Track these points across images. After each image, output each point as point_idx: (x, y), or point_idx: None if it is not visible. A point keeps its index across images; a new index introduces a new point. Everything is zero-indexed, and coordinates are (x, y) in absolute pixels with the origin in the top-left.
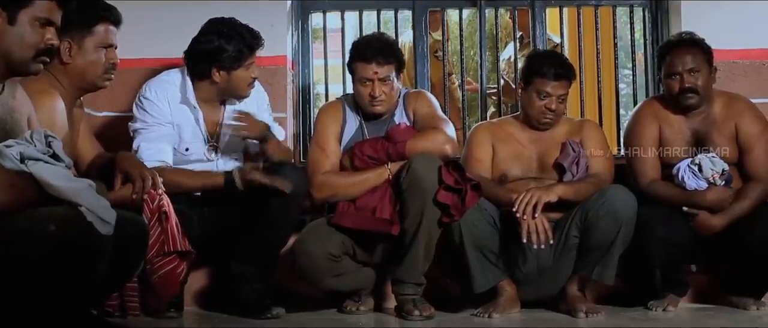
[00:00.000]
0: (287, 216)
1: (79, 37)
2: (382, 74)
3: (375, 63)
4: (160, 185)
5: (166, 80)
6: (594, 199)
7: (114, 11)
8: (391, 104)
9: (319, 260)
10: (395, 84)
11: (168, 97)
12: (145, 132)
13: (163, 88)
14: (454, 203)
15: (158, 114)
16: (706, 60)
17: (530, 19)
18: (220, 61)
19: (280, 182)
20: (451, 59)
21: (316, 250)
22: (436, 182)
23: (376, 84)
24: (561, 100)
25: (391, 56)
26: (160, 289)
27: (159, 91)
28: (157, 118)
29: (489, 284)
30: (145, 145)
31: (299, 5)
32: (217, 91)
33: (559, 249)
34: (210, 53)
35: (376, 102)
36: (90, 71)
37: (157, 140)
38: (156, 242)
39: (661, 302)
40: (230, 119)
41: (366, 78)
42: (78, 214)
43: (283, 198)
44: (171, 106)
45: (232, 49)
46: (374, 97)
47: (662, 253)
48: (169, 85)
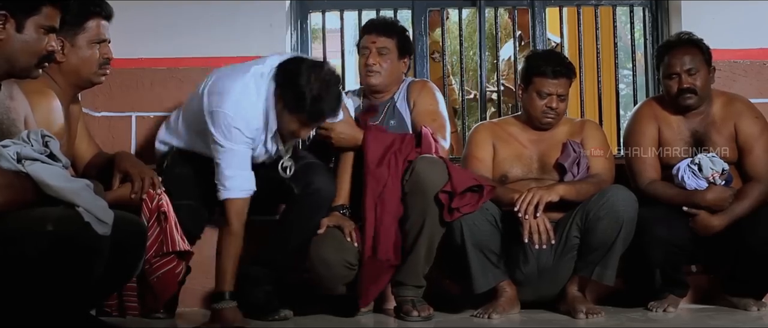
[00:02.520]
0: (310, 225)
1: (72, 35)
2: (379, 44)
3: (375, 33)
4: (159, 185)
5: (254, 105)
6: (595, 199)
7: (105, 6)
8: (386, 80)
9: (336, 269)
10: (395, 61)
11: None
12: (229, 154)
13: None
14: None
15: (244, 140)
16: (704, 60)
17: (530, 19)
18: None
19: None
20: (451, 60)
21: (334, 258)
22: (440, 184)
23: (372, 52)
24: (562, 98)
25: (393, 32)
26: (158, 289)
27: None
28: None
29: (489, 284)
30: (230, 174)
31: (298, 5)
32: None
33: (559, 249)
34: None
35: (370, 71)
36: (84, 68)
37: (243, 167)
38: (154, 242)
39: (661, 302)
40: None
41: (365, 46)
42: (75, 214)
43: (310, 206)
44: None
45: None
46: (368, 66)
47: (662, 253)
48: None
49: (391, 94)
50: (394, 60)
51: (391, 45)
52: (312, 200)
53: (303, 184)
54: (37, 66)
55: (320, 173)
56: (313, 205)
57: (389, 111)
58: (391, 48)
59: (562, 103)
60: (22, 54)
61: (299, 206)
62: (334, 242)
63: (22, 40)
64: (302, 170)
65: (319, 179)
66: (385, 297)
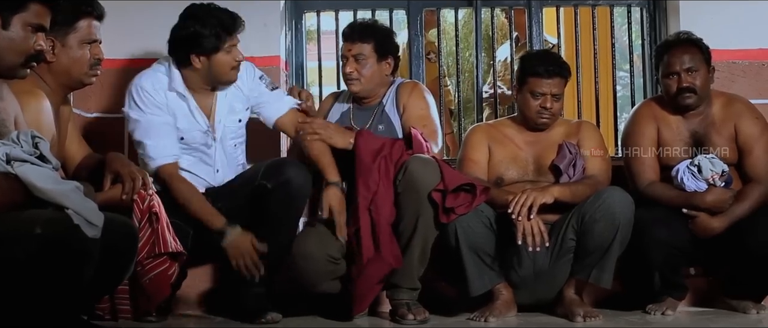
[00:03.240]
0: (290, 217)
1: (62, 35)
2: (355, 50)
3: (350, 41)
4: (150, 185)
5: (155, 69)
6: (591, 201)
7: (96, 5)
8: (366, 86)
9: (318, 263)
10: (374, 65)
11: (159, 86)
12: (145, 125)
13: (153, 76)
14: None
15: (153, 104)
16: (704, 60)
17: (527, 19)
18: (198, 46)
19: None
20: (447, 61)
21: (316, 251)
22: (433, 184)
23: (349, 61)
24: (556, 98)
25: (367, 36)
26: (151, 291)
27: (153, 81)
28: (153, 108)
29: (485, 287)
30: (151, 143)
31: (293, 5)
32: (201, 78)
33: (555, 252)
34: (187, 39)
35: (349, 80)
36: (75, 68)
37: (162, 136)
38: (146, 244)
39: (660, 305)
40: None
41: (343, 55)
42: (65, 216)
43: (284, 199)
44: (166, 95)
45: (209, 32)
46: (347, 74)
47: (661, 255)
48: (159, 74)
49: (378, 97)
50: (374, 64)
51: (368, 50)
52: (284, 192)
53: (274, 178)
54: (23, 65)
55: (290, 166)
56: (286, 197)
57: (377, 115)
58: (368, 53)
59: (556, 103)
60: (8, 52)
61: (273, 200)
62: (317, 237)
63: (7, 37)
64: (272, 165)
65: (289, 170)
66: (379, 300)
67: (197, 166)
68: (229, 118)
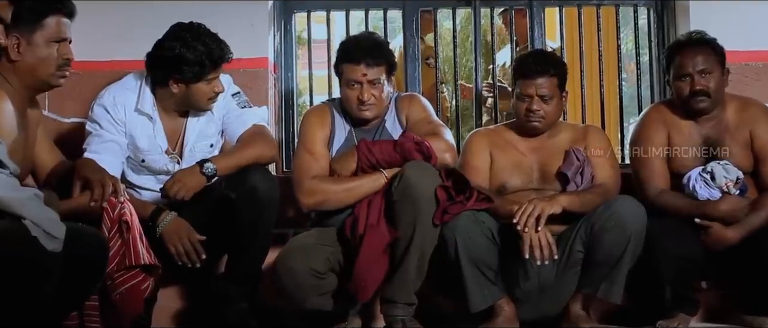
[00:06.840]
0: (261, 225)
1: (28, 32)
2: (371, 76)
3: (364, 64)
4: (121, 192)
5: (124, 86)
6: (600, 210)
7: (66, 2)
8: (380, 109)
9: (302, 278)
10: (386, 87)
11: (125, 103)
12: (96, 140)
13: (120, 93)
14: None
15: (108, 121)
16: (718, 61)
17: (528, 21)
18: (179, 72)
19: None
20: (443, 67)
21: (300, 266)
22: (431, 190)
23: (365, 87)
24: (544, 99)
25: (381, 57)
26: (122, 307)
27: (117, 97)
28: (108, 125)
29: (486, 302)
30: (93, 157)
31: (282, 5)
32: (175, 102)
33: (562, 265)
34: (169, 61)
35: (365, 107)
36: (41, 68)
37: (106, 151)
38: (116, 255)
39: (671, 321)
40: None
41: (354, 80)
42: (21, 227)
43: (252, 207)
44: (127, 114)
45: (193, 60)
46: (363, 101)
47: (672, 268)
48: (127, 92)
49: (381, 116)
50: (385, 85)
51: (382, 73)
52: (249, 200)
53: (237, 187)
54: None
55: (254, 173)
56: (251, 204)
57: (378, 132)
58: (383, 76)
59: (545, 104)
60: None
61: (238, 210)
62: (301, 250)
63: None
64: (237, 175)
65: (253, 177)
66: (373, 316)
67: (159, 186)
68: (200, 143)
